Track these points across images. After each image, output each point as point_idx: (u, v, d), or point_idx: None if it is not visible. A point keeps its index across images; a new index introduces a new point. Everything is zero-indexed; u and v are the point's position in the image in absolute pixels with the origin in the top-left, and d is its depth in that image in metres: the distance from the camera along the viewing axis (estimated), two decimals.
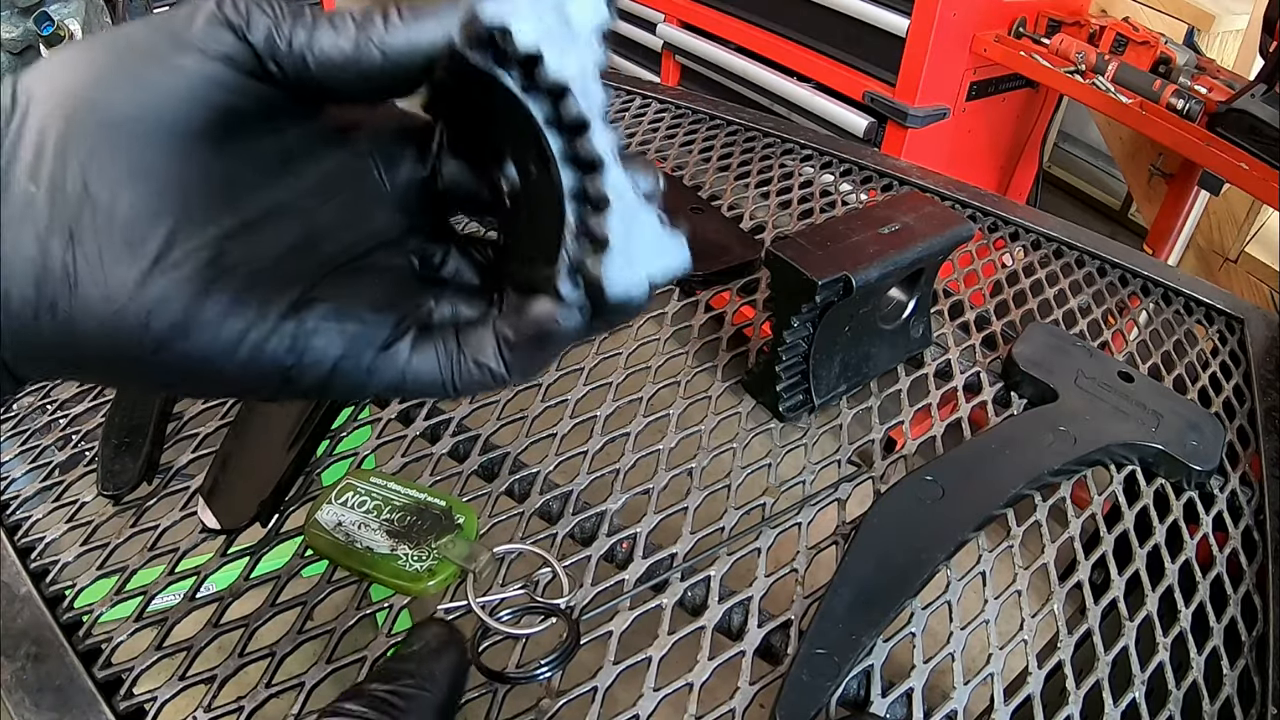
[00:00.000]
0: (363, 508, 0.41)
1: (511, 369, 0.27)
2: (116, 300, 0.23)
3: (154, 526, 0.44)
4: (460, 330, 0.28)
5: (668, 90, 0.93)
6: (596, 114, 0.25)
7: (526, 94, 0.25)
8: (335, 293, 0.27)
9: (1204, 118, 1.17)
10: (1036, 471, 0.47)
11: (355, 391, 0.27)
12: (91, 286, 0.23)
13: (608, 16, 0.25)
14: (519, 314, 0.27)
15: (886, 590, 0.41)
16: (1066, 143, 2.22)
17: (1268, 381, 0.60)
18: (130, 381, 0.45)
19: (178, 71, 0.24)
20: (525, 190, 0.28)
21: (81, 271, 0.23)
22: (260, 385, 0.26)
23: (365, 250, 0.29)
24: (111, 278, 0.23)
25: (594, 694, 0.37)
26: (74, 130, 0.23)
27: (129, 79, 0.24)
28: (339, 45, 0.25)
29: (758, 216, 0.73)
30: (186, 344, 0.24)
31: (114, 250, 0.23)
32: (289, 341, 0.26)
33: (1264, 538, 0.48)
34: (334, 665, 0.38)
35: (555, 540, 0.44)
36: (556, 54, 0.24)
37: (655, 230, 0.26)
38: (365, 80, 0.26)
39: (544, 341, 0.27)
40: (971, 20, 1.38)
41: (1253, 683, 0.41)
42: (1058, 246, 0.73)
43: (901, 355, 0.57)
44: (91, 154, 0.23)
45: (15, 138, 0.23)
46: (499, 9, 0.24)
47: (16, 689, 0.36)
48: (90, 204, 0.23)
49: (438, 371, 0.27)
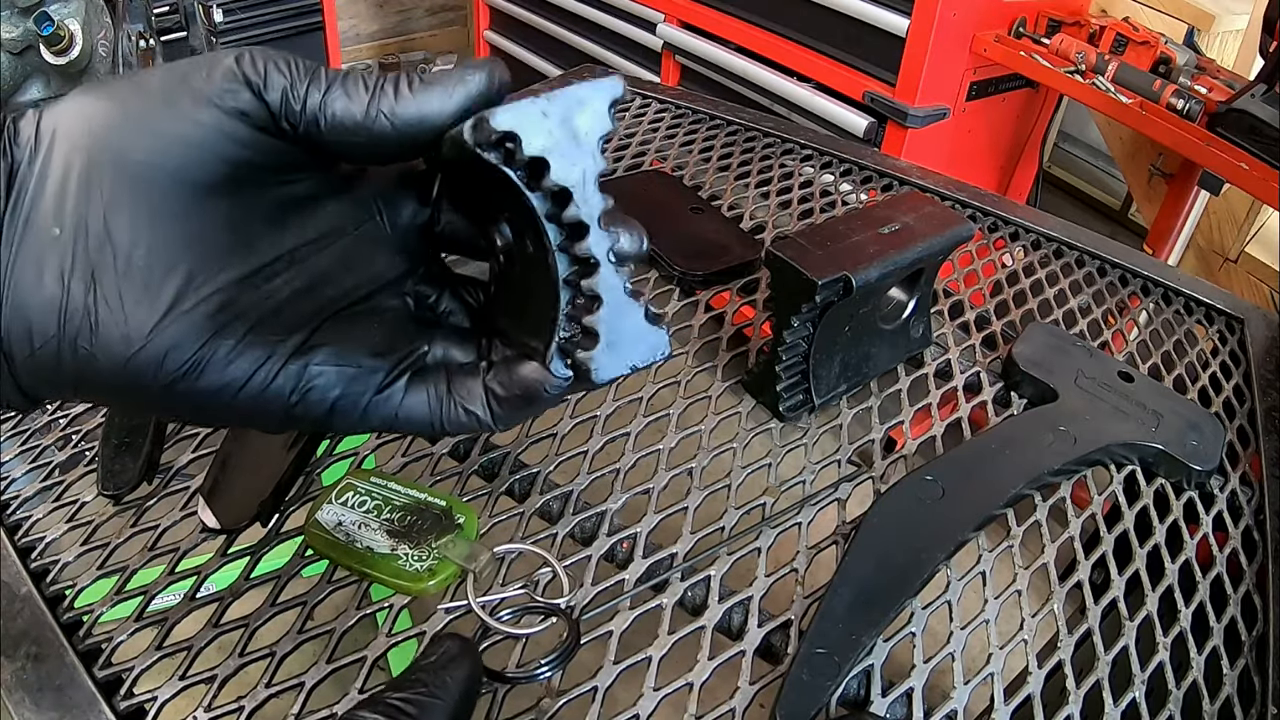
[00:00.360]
0: (363, 507, 0.41)
1: (497, 419, 0.30)
2: (135, 342, 0.25)
3: (154, 526, 0.44)
4: (452, 376, 0.30)
5: (668, 90, 0.93)
6: (594, 218, 0.27)
7: (531, 192, 0.27)
8: (336, 337, 0.29)
9: (1204, 118, 1.17)
10: (1036, 471, 0.47)
11: (351, 428, 0.29)
12: (112, 328, 0.25)
13: (611, 126, 0.27)
14: (509, 374, 0.29)
15: (886, 590, 0.41)
16: (1066, 143, 2.23)
17: (1268, 381, 0.60)
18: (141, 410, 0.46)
19: (195, 125, 0.25)
20: (520, 254, 0.30)
21: (102, 314, 0.24)
22: (264, 420, 0.28)
23: (366, 294, 0.31)
24: (131, 321, 0.25)
25: (594, 694, 0.37)
26: (96, 175, 0.24)
27: (149, 129, 0.25)
28: (350, 111, 0.26)
29: (758, 216, 0.73)
30: (198, 382, 0.26)
31: (134, 295, 0.25)
32: (293, 383, 0.27)
33: (1264, 538, 0.48)
34: (334, 665, 0.38)
35: (555, 540, 0.44)
36: (562, 162, 0.26)
37: (640, 325, 0.28)
38: (374, 146, 0.27)
39: (530, 402, 0.29)
40: (971, 20, 1.38)
41: (1253, 683, 0.41)
42: (1058, 246, 0.73)
43: (901, 355, 0.57)
44: (114, 200, 0.24)
45: (40, 176, 0.24)
46: (510, 118, 0.25)
47: (16, 689, 0.36)
48: (111, 249, 0.24)
49: (428, 414, 0.29)
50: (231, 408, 0.27)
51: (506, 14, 2.30)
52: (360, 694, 0.36)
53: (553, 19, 2.12)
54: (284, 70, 0.26)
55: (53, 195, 0.24)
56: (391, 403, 0.29)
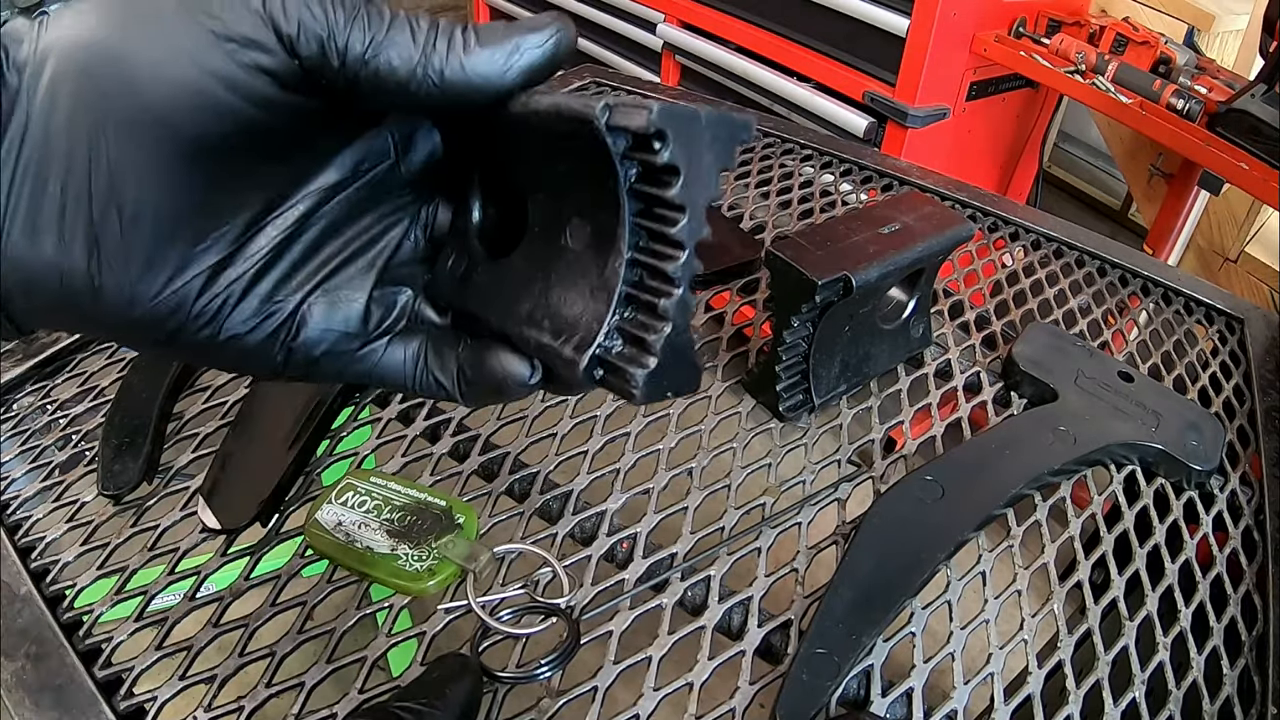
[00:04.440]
0: (363, 507, 0.41)
1: (465, 397, 0.29)
2: (137, 305, 0.24)
3: (154, 526, 0.44)
4: (431, 339, 0.29)
5: (668, 90, 0.93)
6: (694, 241, 0.25)
7: (631, 196, 0.25)
8: (330, 295, 0.28)
9: (1204, 118, 1.17)
10: (1036, 471, 0.47)
11: (331, 378, 0.29)
12: (115, 293, 0.24)
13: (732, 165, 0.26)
14: (478, 361, 0.28)
15: (886, 590, 0.41)
16: (1066, 143, 2.23)
17: (1268, 381, 0.60)
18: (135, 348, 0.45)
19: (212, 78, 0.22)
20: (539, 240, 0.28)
21: (106, 281, 0.23)
22: (255, 369, 0.28)
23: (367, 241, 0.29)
24: (136, 287, 0.24)
25: (594, 694, 0.37)
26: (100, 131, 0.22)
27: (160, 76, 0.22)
28: (394, 69, 0.23)
29: (758, 216, 0.73)
30: (196, 336, 0.25)
31: (138, 262, 0.24)
32: (283, 336, 0.27)
33: (1264, 538, 0.48)
34: (334, 665, 0.38)
35: (555, 540, 0.44)
36: (692, 178, 0.24)
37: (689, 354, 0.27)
38: (413, 107, 0.25)
39: (497, 393, 0.28)
40: (971, 20, 1.38)
41: (1253, 682, 0.41)
42: (1058, 246, 0.73)
43: (901, 355, 0.57)
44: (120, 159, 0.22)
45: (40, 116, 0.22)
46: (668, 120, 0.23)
47: (16, 689, 0.36)
48: (116, 214, 0.23)
49: (403, 375, 0.29)
50: (225, 357, 0.27)
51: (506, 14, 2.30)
52: (360, 694, 0.36)
53: None
54: (321, 15, 0.22)
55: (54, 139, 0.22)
56: (371, 359, 0.29)
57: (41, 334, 0.56)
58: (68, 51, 0.22)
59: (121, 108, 0.22)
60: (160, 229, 0.24)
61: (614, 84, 0.93)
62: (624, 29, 1.90)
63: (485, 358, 0.28)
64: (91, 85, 0.22)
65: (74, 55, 0.22)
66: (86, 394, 0.53)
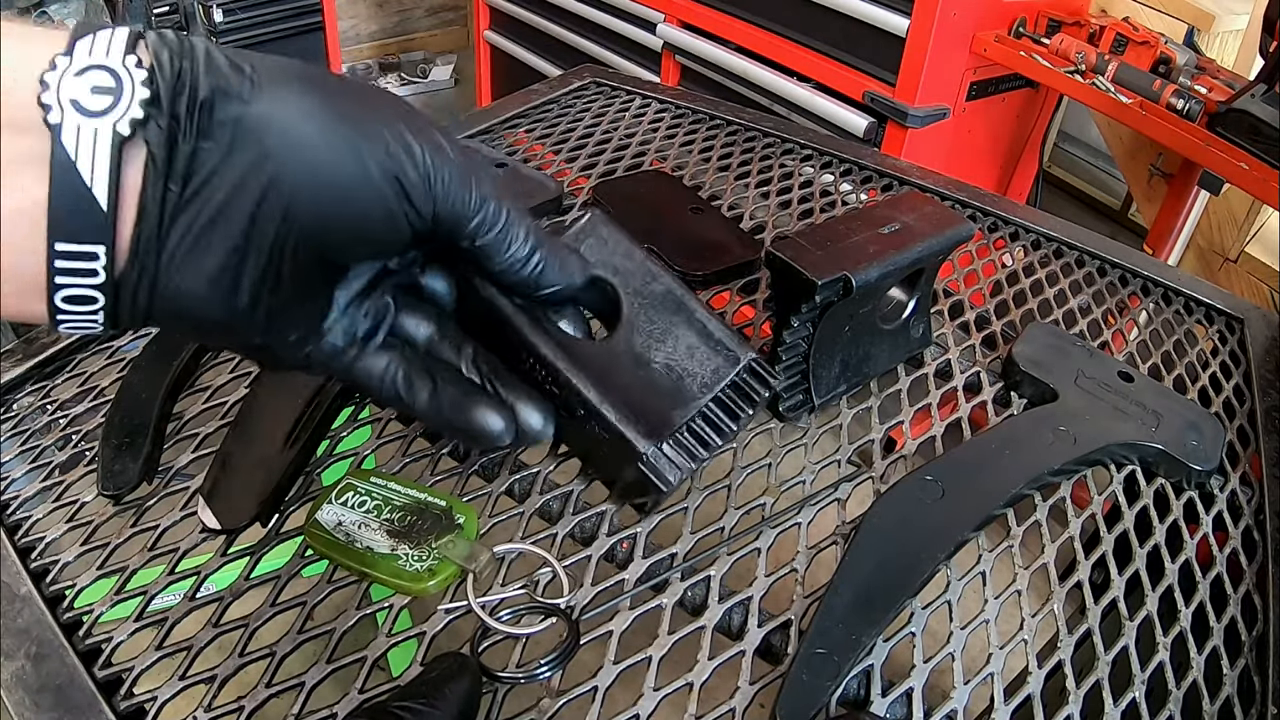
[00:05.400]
0: (363, 508, 0.41)
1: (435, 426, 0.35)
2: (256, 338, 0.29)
3: (154, 526, 0.44)
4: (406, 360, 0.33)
5: (668, 90, 0.93)
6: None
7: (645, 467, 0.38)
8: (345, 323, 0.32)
9: (1204, 118, 1.17)
10: (1036, 471, 0.47)
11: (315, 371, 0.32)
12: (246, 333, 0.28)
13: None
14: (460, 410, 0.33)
15: (886, 590, 0.41)
16: (1066, 143, 2.23)
17: (1268, 381, 0.60)
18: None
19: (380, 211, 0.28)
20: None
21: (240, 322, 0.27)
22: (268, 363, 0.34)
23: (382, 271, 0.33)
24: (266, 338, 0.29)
25: (594, 694, 0.37)
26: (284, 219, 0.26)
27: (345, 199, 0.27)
28: (514, 270, 0.32)
29: (758, 216, 0.73)
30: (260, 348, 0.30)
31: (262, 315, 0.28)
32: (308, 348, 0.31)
33: (1264, 538, 0.48)
34: (334, 665, 0.38)
35: (555, 540, 0.44)
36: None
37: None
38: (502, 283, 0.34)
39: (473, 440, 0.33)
40: (971, 20, 1.38)
41: (1253, 683, 0.41)
42: (1058, 246, 0.73)
43: (901, 355, 0.57)
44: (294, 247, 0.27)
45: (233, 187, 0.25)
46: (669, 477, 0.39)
47: (16, 689, 0.36)
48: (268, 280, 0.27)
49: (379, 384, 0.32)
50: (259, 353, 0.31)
51: (506, 14, 2.30)
52: (360, 694, 0.36)
53: (552, 19, 2.12)
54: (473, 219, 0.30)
55: (235, 209, 0.25)
56: (347, 357, 0.32)
57: (42, 334, 0.56)
58: (273, 149, 0.25)
59: (303, 214, 0.26)
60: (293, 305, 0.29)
61: (614, 84, 0.93)
62: (624, 29, 1.91)
63: (470, 404, 0.33)
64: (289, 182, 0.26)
65: (279, 153, 0.26)
66: (86, 394, 0.53)
